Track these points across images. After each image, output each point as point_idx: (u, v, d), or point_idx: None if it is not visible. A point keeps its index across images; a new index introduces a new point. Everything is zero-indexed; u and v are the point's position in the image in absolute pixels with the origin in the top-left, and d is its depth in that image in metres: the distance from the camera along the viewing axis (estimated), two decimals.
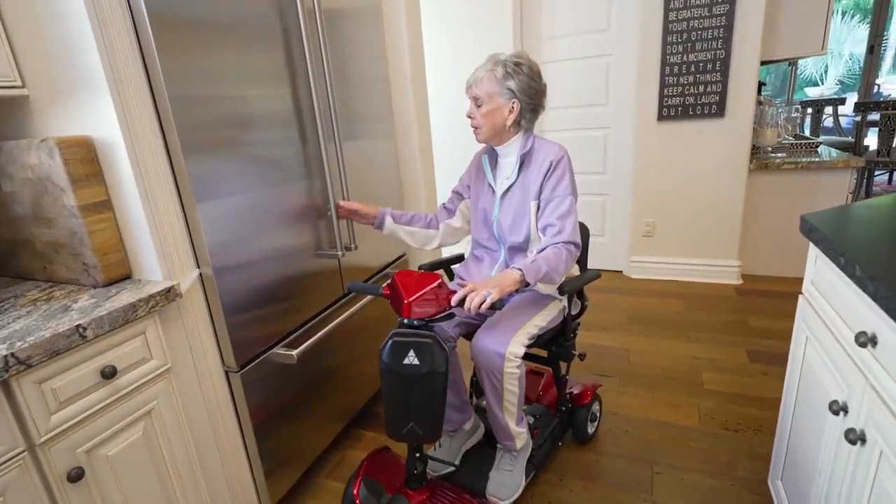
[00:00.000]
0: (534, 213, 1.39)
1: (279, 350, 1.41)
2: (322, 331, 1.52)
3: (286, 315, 1.46)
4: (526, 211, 1.40)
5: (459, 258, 1.72)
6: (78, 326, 0.90)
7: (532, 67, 1.37)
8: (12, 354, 0.81)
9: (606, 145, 3.14)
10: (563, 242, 1.32)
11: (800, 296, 1.21)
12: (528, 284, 1.24)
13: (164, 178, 1.11)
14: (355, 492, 1.35)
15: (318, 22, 1.45)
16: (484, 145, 1.53)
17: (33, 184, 1.07)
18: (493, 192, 1.48)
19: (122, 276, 1.13)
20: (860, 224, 1.10)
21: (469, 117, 1.40)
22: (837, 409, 0.94)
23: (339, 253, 1.62)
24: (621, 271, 3.31)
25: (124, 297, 1.03)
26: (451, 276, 1.74)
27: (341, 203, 1.58)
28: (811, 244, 1.14)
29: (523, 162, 1.41)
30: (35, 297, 1.07)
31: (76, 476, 0.92)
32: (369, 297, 1.77)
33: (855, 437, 0.86)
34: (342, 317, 1.62)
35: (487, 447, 1.58)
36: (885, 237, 1.00)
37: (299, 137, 1.47)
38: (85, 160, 1.03)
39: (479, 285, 1.17)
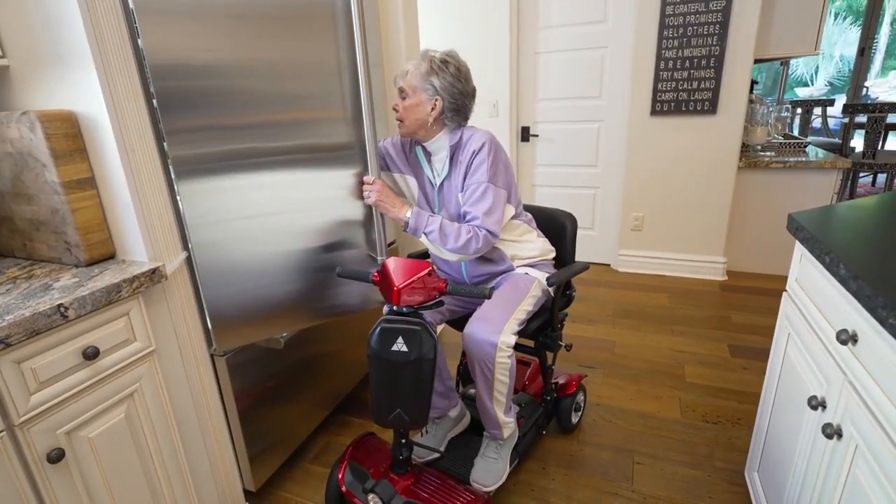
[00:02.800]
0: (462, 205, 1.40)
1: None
2: None
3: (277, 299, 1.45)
4: (458, 203, 1.41)
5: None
6: (59, 306, 0.88)
7: (460, 68, 1.36)
8: None
9: (598, 138, 3.14)
10: (477, 226, 1.34)
11: (783, 293, 1.23)
12: (406, 224, 1.37)
13: (151, 157, 1.09)
14: (340, 476, 1.36)
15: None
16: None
17: (13, 158, 1.04)
18: (433, 185, 1.48)
19: (106, 255, 1.11)
20: (845, 224, 1.11)
21: (394, 109, 1.41)
22: (816, 404, 0.96)
23: None
24: (609, 264, 3.34)
25: (107, 277, 1.01)
26: None
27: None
28: (797, 242, 1.16)
29: (454, 155, 1.41)
30: (15, 275, 1.05)
31: (56, 457, 0.90)
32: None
33: (832, 432, 0.88)
34: None
35: (473, 434, 1.59)
36: (870, 237, 1.02)
37: (294, 123, 1.44)
38: (68, 135, 1.00)
39: (382, 195, 1.37)
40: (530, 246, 1.52)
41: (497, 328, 1.30)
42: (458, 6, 3.15)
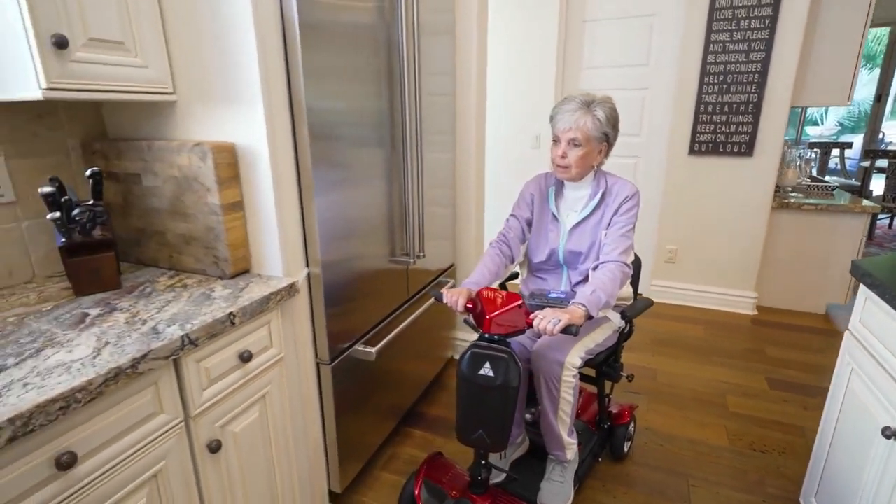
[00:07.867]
0: (603, 239, 1.49)
1: (360, 347, 1.52)
2: (395, 330, 1.64)
3: (367, 314, 1.57)
4: (598, 240, 1.49)
5: (513, 276, 1.81)
6: (230, 314, 1.01)
7: (618, 113, 1.46)
8: (186, 336, 0.92)
9: (636, 173, 3.29)
10: (615, 261, 1.40)
11: (846, 332, 1.34)
12: (591, 317, 1.32)
13: (291, 182, 1.23)
14: (417, 493, 1.44)
15: (415, 37, 1.56)
16: (539, 175, 1.62)
17: (178, 181, 1.18)
18: (558, 221, 1.55)
19: (243, 270, 1.24)
20: None
21: (561, 157, 1.43)
22: (890, 434, 1.07)
23: (411, 260, 1.74)
24: (642, 294, 3.44)
25: (255, 289, 1.14)
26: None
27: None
28: (861, 287, 1.28)
29: (602, 198, 1.49)
30: (169, 284, 1.18)
31: (216, 448, 1.02)
32: (429, 301, 1.89)
33: None
34: (410, 319, 1.74)
35: (534, 459, 1.66)
36: None
37: (391, 146, 1.59)
38: (230, 164, 1.15)
39: (551, 314, 1.24)
40: (622, 290, 1.56)
41: (565, 348, 1.40)
42: (508, 39, 3.28)
